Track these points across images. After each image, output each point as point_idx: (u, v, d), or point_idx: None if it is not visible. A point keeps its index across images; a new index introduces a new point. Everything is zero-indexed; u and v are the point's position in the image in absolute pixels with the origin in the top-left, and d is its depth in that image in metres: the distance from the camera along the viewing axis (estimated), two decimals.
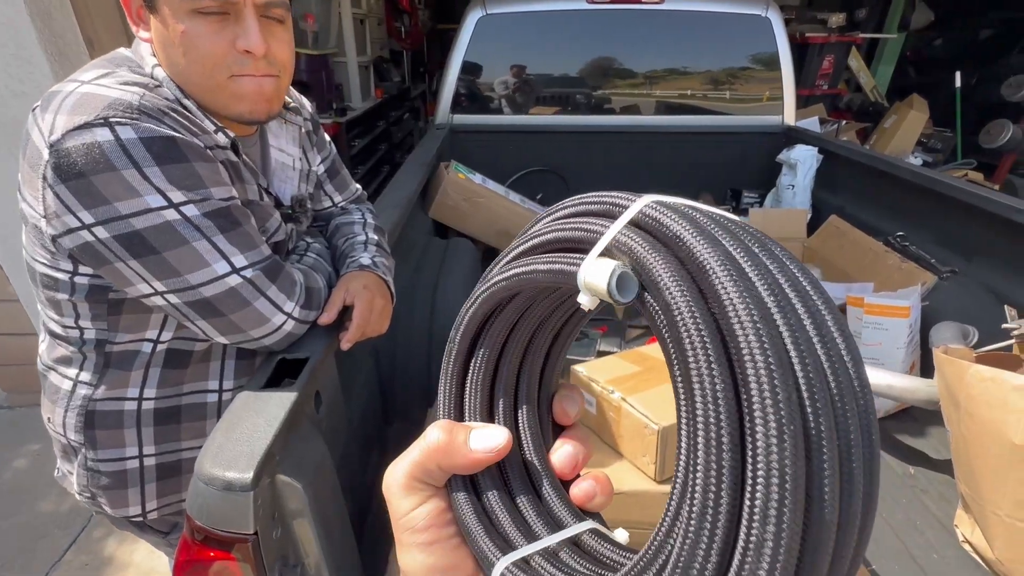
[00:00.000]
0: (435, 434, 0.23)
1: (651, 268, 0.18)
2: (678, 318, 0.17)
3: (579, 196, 0.23)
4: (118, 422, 0.72)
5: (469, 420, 0.27)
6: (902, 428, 1.42)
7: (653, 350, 1.04)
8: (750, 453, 0.15)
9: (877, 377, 1.22)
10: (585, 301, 0.20)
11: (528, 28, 2.35)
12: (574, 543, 0.24)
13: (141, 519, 0.78)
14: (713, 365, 0.16)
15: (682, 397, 0.17)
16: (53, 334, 0.70)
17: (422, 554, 0.23)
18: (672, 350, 0.17)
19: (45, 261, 0.63)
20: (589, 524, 0.25)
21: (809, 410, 0.15)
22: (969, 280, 1.53)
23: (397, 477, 0.24)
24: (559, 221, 0.23)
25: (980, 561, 1.06)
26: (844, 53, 4.46)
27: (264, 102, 0.67)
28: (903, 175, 1.78)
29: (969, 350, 1.11)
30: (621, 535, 0.25)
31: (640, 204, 0.20)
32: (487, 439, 0.23)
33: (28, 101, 1.43)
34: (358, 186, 1.03)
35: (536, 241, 0.23)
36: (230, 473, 0.53)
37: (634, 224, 0.20)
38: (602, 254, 0.20)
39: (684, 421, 0.17)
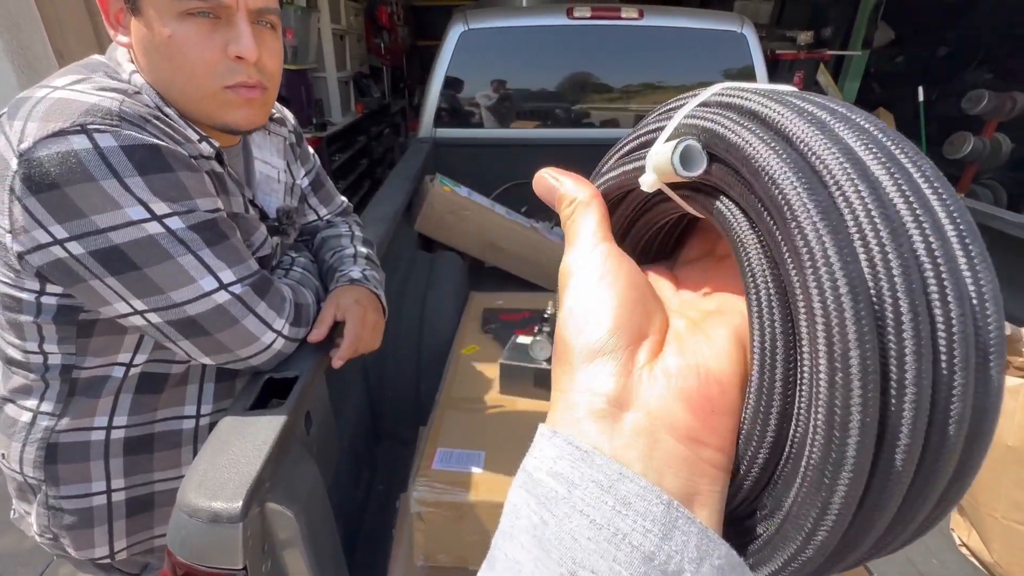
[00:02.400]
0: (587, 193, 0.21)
1: (725, 134, 0.16)
2: (765, 178, 0.15)
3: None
4: (84, 455, 0.67)
5: None
6: None
7: None
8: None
9: None
10: (647, 182, 0.19)
11: (510, 43, 2.37)
12: None
13: (108, 561, 0.73)
14: (819, 227, 0.14)
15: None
16: (11, 361, 0.65)
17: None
18: (764, 218, 0.16)
19: (8, 280, 0.59)
20: None
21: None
22: None
23: (592, 252, 0.20)
24: (643, 127, 0.22)
25: (978, 564, 1.06)
26: (813, 69, 4.63)
27: (253, 112, 0.64)
28: None
29: None
30: None
31: (711, 90, 0.19)
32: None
33: None
34: (344, 199, 1.01)
35: (626, 147, 0.22)
36: (216, 503, 0.49)
37: (704, 105, 0.19)
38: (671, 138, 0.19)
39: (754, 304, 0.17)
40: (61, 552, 0.72)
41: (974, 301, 0.13)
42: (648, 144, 0.21)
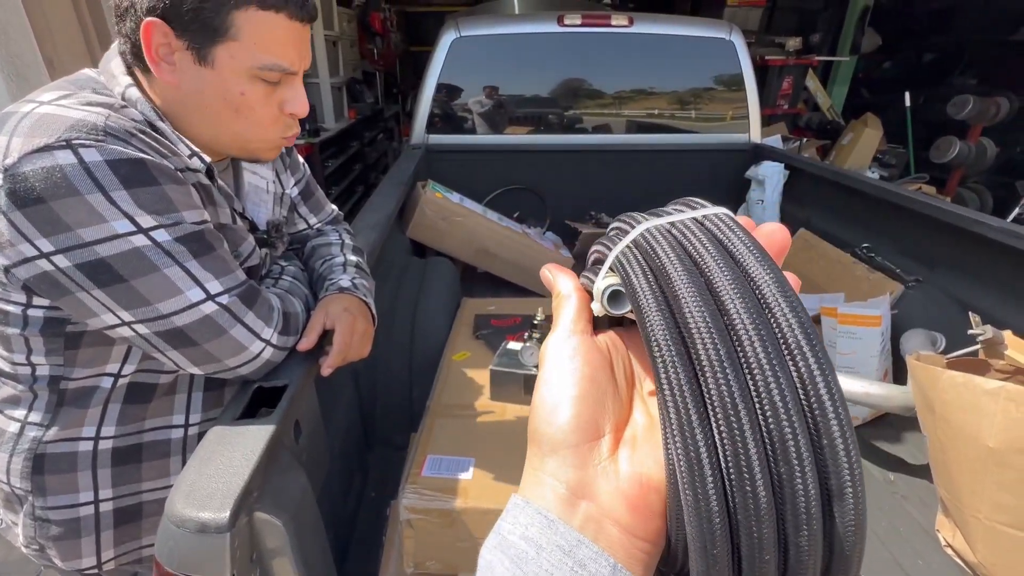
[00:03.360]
0: (569, 288, 0.26)
1: (634, 290, 0.22)
2: (650, 331, 0.20)
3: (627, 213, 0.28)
4: (71, 465, 0.66)
5: None
6: (880, 435, 1.45)
7: None
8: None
9: (854, 385, 1.24)
10: (596, 309, 0.25)
11: (501, 50, 2.39)
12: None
13: (96, 571, 0.72)
14: (679, 370, 0.19)
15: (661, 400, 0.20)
16: None
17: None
18: (649, 352, 0.20)
19: None
20: None
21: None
22: (933, 288, 1.59)
23: (565, 343, 0.24)
24: (607, 234, 0.28)
25: (963, 565, 1.08)
26: (802, 75, 4.69)
27: (280, 151, 0.72)
28: (866, 189, 1.86)
29: (940, 356, 1.14)
30: None
31: (639, 229, 0.24)
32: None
33: None
34: (334, 207, 1.01)
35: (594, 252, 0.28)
36: (204, 513, 0.49)
37: (635, 245, 0.24)
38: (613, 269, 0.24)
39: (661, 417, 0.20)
40: (48, 563, 0.72)
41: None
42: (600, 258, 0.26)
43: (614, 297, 0.24)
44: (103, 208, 0.52)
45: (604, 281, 0.24)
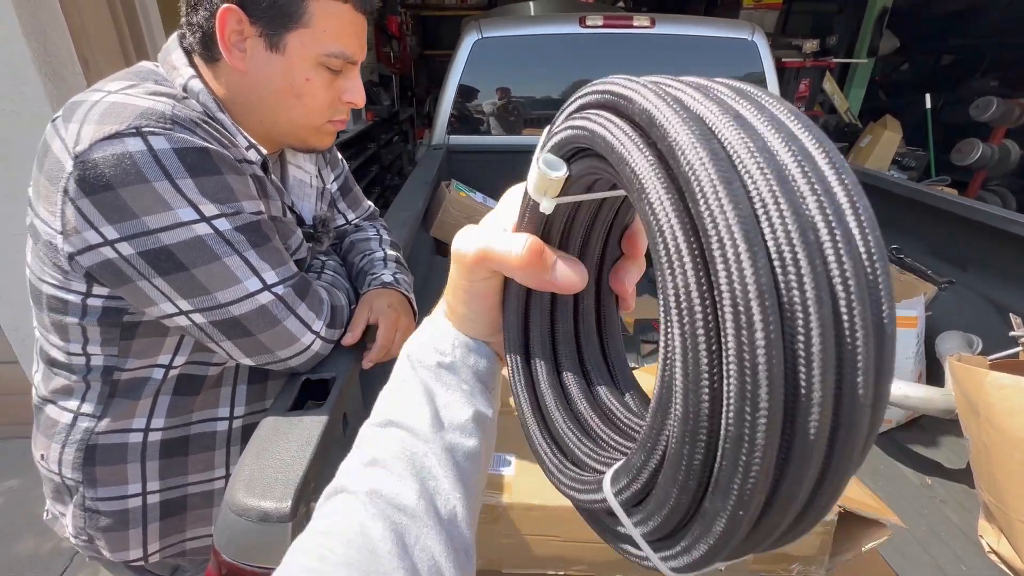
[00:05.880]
0: (520, 248, 0.25)
1: (586, 130, 0.19)
2: (622, 158, 0.17)
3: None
4: (121, 457, 0.67)
5: None
6: (914, 438, 1.43)
7: None
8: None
9: (894, 387, 1.22)
10: (545, 207, 0.24)
11: (523, 51, 2.39)
12: (604, 414, 0.27)
13: (142, 562, 0.72)
14: (675, 225, 0.15)
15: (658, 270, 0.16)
16: (53, 362, 0.65)
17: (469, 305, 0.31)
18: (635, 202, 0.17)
19: (55, 282, 0.59)
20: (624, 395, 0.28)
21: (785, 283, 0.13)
22: (966, 290, 1.56)
23: (469, 252, 0.28)
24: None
25: (1008, 571, 1.05)
26: (819, 77, 4.65)
27: (333, 137, 0.72)
28: (895, 190, 1.83)
29: (983, 358, 1.12)
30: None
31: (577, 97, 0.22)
32: (569, 274, 0.25)
33: (21, 120, 1.38)
34: (371, 203, 1.01)
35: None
36: (266, 503, 0.49)
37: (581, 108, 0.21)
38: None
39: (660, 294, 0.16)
40: (95, 554, 0.72)
41: (863, 258, 0.14)
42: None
43: (549, 163, 0.22)
44: (169, 196, 0.53)
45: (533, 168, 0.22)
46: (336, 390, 0.65)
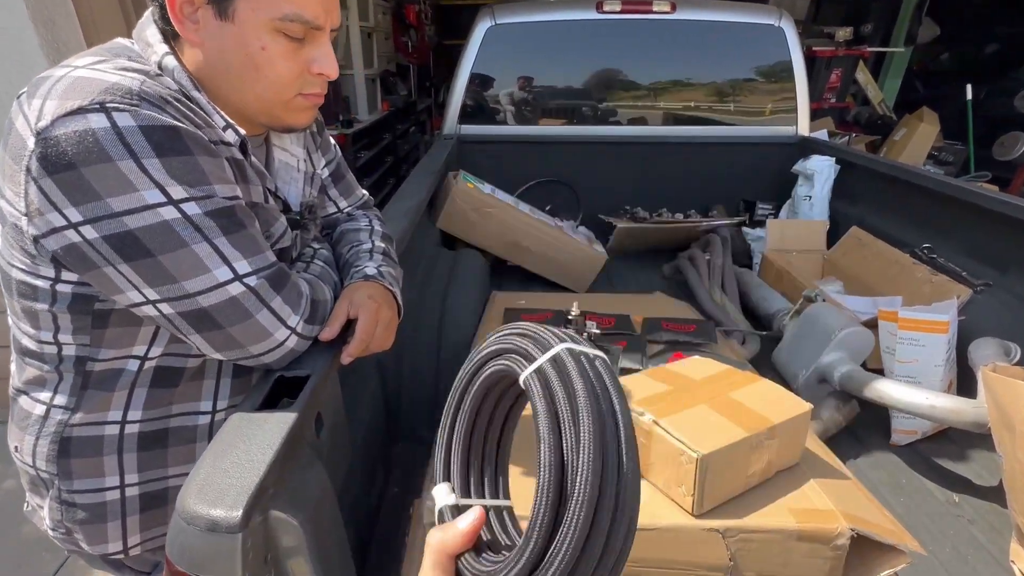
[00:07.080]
0: (436, 536, 0.34)
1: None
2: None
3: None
4: (97, 449, 0.65)
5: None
6: (941, 451, 1.34)
7: (681, 367, 0.97)
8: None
9: (917, 397, 1.14)
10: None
11: (537, 38, 2.33)
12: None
13: (121, 557, 0.71)
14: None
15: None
16: (26, 351, 0.63)
17: None
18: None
19: (23, 266, 0.57)
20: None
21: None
22: (1004, 293, 1.46)
23: None
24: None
25: None
26: (851, 67, 4.45)
27: (312, 114, 0.68)
28: (929, 185, 1.72)
29: (1020, 369, 1.03)
30: None
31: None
32: (469, 519, 0.34)
33: None
34: (364, 191, 0.98)
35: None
36: (216, 511, 0.45)
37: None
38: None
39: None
40: (74, 547, 0.71)
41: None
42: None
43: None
44: (134, 176, 0.50)
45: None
46: (309, 389, 0.62)
